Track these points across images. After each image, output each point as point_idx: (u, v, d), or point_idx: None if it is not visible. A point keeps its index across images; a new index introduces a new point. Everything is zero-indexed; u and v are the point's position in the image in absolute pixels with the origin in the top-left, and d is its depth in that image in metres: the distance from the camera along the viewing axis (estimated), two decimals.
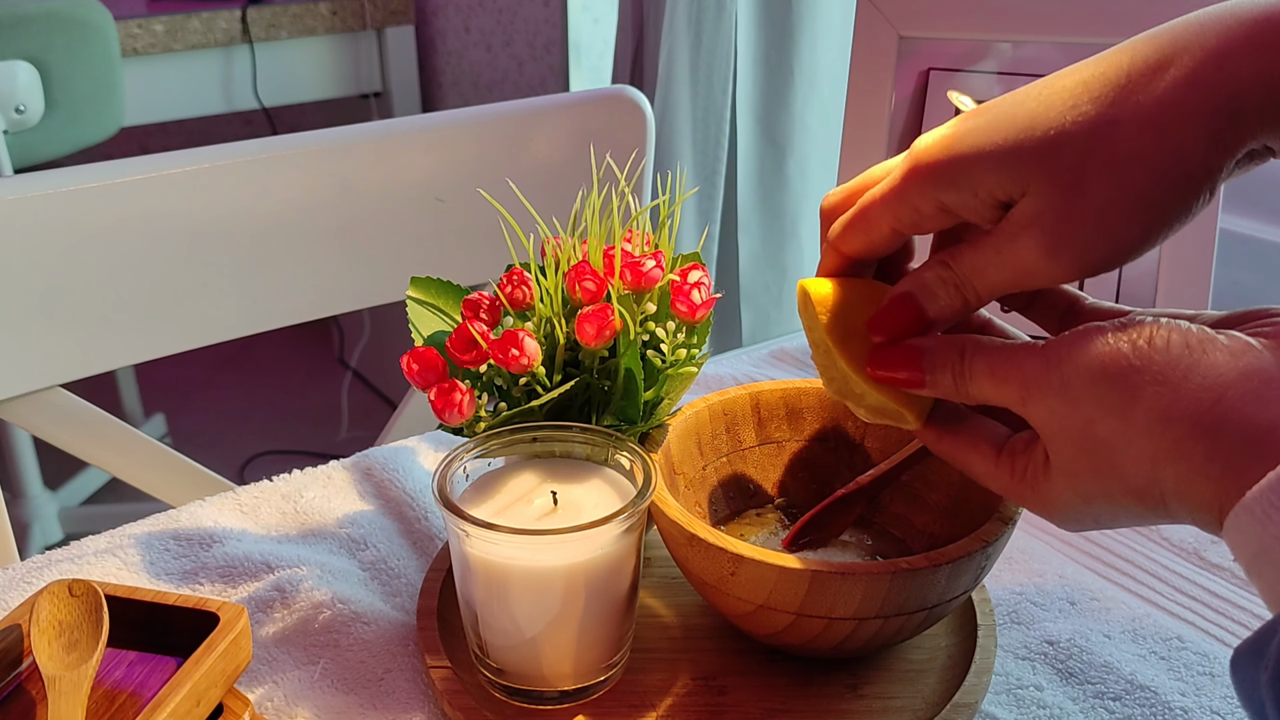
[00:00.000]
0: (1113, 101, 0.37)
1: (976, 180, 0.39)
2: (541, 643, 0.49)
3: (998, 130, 0.39)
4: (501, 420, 0.53)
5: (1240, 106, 0.36)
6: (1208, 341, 0.36)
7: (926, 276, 0.43)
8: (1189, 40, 0.37)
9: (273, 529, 0.65)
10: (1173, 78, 0.37)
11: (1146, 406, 0.36)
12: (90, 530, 0.66)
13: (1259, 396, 0.34)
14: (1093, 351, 0.37)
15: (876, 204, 0.43)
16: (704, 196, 1.46)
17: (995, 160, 0.39)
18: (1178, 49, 0.37)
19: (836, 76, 1.37)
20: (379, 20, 2.12)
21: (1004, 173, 0.39)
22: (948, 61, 0.73)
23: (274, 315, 0.88)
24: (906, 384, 0.43)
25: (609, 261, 0.53)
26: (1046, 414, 0.39)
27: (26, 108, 1.65)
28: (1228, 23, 0.36)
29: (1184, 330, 0.37)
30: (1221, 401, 0.35)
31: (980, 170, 0.39)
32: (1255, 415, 0.34)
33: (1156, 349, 0.36)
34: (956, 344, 0.42)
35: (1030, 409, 0.39)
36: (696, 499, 0.57)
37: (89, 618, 0.46)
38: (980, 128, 0.40)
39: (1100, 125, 0.37)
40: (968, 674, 0.51)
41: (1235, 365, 0.35)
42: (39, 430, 0.82)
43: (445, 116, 0.92)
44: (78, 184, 0.77)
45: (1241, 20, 0.36)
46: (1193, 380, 0.35)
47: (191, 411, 2.61)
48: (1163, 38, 0.38)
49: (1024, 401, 0.40)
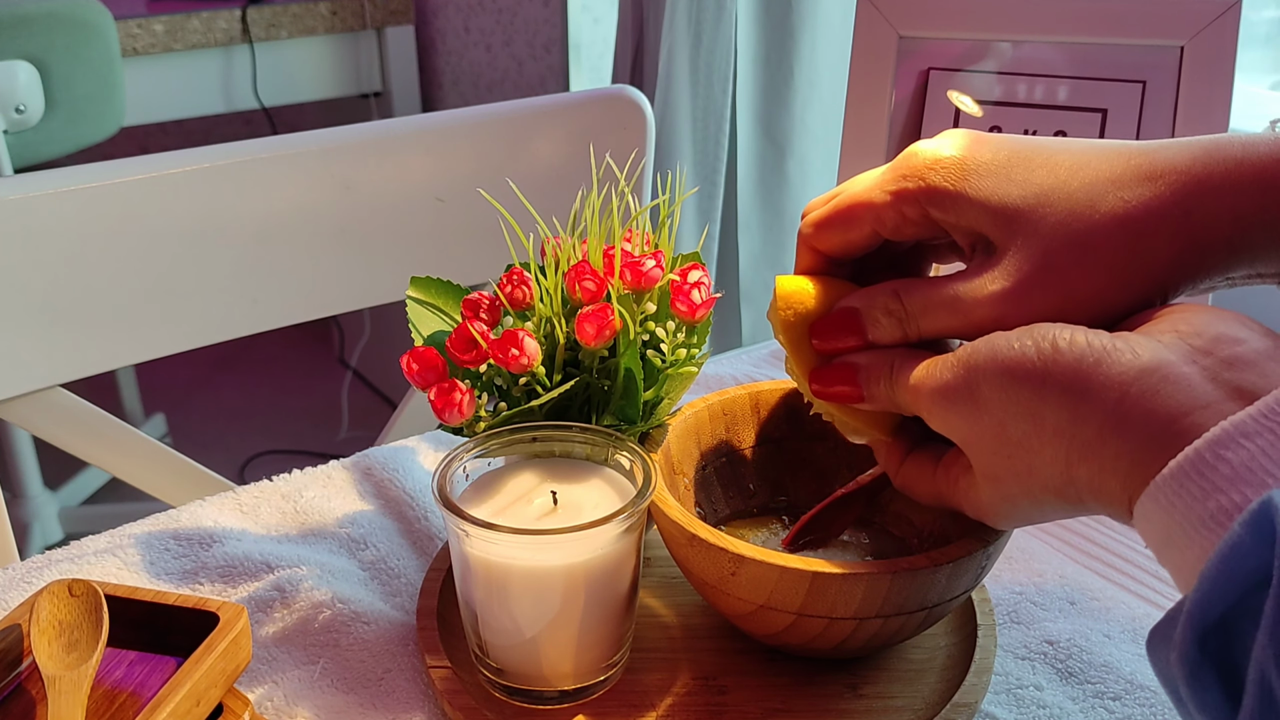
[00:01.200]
0: (1101, 203, 0.40)
1: (974, 219, 0.42)
2: (541, 643, 0.49)
3: (1011, 184, 0.41)
4: (501, 420, 0.53)
5: (1211, 236, 0.39)
6: (1109, 341, 0.37)
7: (876, 302, 0.45)
8: (1180, 162, 0.39)
9: (273, 529, 0.66)
10: (1155, 194, 0.39)
11: (1054, 408, 0.37)
12: (90, 530, 0.66)
13: (1158, 390, 0.35)
14: (999, 357, 0.39)
15: (863, 204, 0.44)
16: (704, 196, 1.46)
17: (998, 214, 0.41)
18: (1169, 167, 0.39)
19: (836, 76, 1.37)
20: (379, 20, 2.12)
21: (999, 228, 0.41)
22: (948, 61, 0.73)
23: (274, 315, 0.88)
24: (846, 398, 0.45)
25: (609, 261, 0.53)
26: (959, 421, 0.40)
27: (26, 108, 1.65)
28: (1215, 156, 0.39)
29: (1086, 331, 0.38)
30: (1125, 399, 0.36)
31: (982, 215, 0.42)
32: (1156, 409, 0.35)
33: (1061, 351, 0.37)
34: (887, 358, 0.44)
35: (946, 417, 0.41)
36: (696, 499, 0.57)
37: (89, 618, 0.46)
38: (995, 172, 0.42)
39: (1088, 222, 0.40)
40: (967, 674, 0.51)
41: (1137, 362, 0.36)
42: (39, 430, 0.82)
43: (445, 116, 0.92)
44: (78, 184, 0.77)
45: (1226, 157, 0.39)
46: (1097, 379, 0.36)
47: (191, 411, 2.61)
48: (1158, 154, 0.40)
49: (938, 410, 0.41)
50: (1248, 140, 0.39)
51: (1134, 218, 0.39)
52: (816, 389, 0.46)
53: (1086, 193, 0.40)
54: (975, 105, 0.73)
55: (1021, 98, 0.72)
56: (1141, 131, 0.69)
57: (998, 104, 0.72)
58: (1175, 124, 0.68)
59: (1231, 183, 0.38)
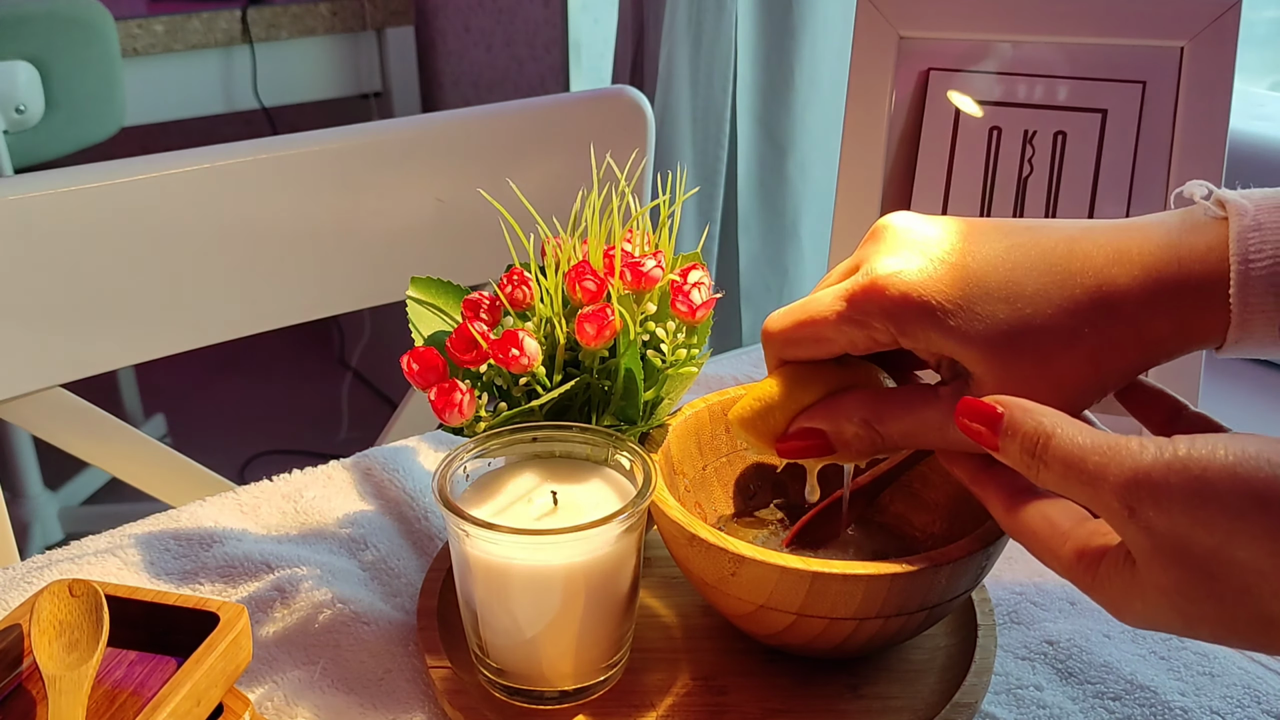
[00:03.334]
0: (1067, 335, 0.42)
1: (942, 349, 0.44)
2: (541, 643, 0.49)
3: (977, 319, 0.43)
4: (501, 420, 0.53)
5: (1161, 350, 0.42)
6: None
7: (846, 431, 0.46)
8: (1132, 292, 0.42)
9: (273, 529, 0.65)
10: (1113, 324, 0.42)
11: None
12: (90, 530, 0.66)
13: None
14: (1242, 472, 0.34)
15: (831, 324, 0.46)
16: (704, 196, 1.46)
17: (967, 348, 0.43)
18: (1124, 295, 0.42)
19: (836, 76, 1.37)
20: (379, 20, 2.12)
21: (970, 360, 0.44)
22: (948, 61, 0.73)
23: (274, 315, 0.88)
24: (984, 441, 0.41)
25: (609, 261, 0.53)
26: (1161, 526, 0.35)
27: (26, 108, 1.65)
28: (1161, 279, 0.42)
29: None
30: None
31: (951, 347, 0.44)
32: None
33: None
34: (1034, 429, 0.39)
35: (1138, 518, 0.36)
36: (696, 499, 0.57)
37: (89, 618, 0.46)
38: (960, 307, 0.43)
39: (1055, 351, 0.43)
40: (968, 674, 0.51)
41: None
42: (39, 430, 0.82)
43: (445, 117, 0.92)
44: (78, 184, 0.77)
45: (1171, 279, 0.42)
46: None
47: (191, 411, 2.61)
48: (1111, 281, 0.42)
49: (1128, 508, 0.36)
50: (1183, 255, 0.42)
51: (1098, 351, 0.42)
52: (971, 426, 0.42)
53: (1051, 327, 0.43)
54: (975, 105, 0.72)
55: (1021, 98, 0.72)
56: (1141, 131, 0.69)
57: (998, 104, 0.72)
58: (1175, 124, 0.68)
59: (1174, 305, 0.42)
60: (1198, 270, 0.41)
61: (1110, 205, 0.70)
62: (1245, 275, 0.40)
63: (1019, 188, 0.72)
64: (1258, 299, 0.40)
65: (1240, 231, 0.41)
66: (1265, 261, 0.40)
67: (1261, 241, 0.40)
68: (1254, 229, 0.40)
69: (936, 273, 0.44)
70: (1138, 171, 0.70)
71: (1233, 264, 0.40)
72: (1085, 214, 0.70)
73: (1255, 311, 0.40)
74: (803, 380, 0.48)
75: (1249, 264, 0.40)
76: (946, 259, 0.44)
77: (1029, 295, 0.43)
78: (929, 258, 0.44)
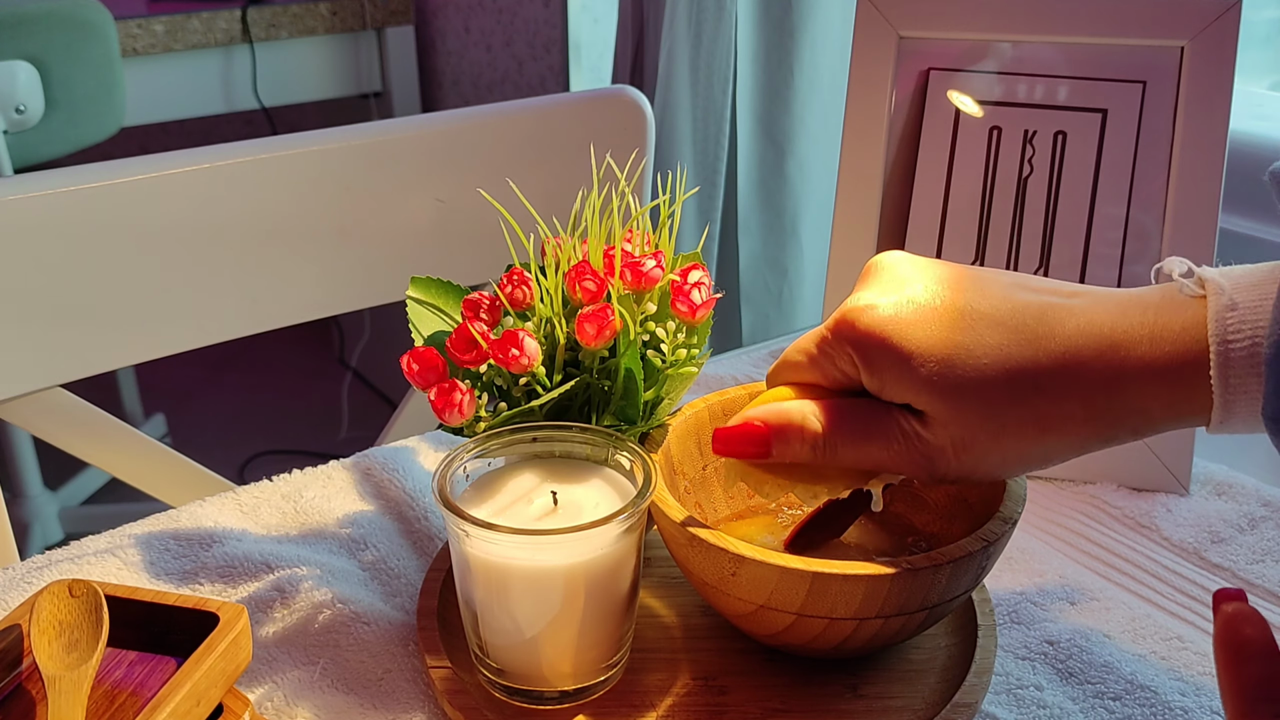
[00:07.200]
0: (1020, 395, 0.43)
1: (895, 386, 0.45)
2: (541, 643, 0.49)
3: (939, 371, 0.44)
4: (501, 420, 0.53)
5: (1120, 428, 0.43)
6: None
7: (792, 441, 0.47)
8: (1095, 364, 0.42)
9: (273, 529, 0.65)
10: (1070, 395, 0.43)
11: None
12: (90, 530, 0.66)
13: None
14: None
15: (808, 354, 0.48)
16: (704, 196, 1.46)
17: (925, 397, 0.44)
18: (1086, 365, 0.43)
19: (836, 76, 1.37)
20: (379, 20, 2.12)
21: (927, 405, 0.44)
22: (948, 61, 0.73)
23: (274, 315, 0.88)
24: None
25: (609, 261, 0.53)
26: None
27: (26, 108, 1.65)
28: (1127, 356, 0.42)
29: None
30: None
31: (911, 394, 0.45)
32: None
33: None
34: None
35: None
36: (696, 499, 0.57)
37: (89, 618, 0.46)
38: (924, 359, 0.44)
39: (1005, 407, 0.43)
40: (968, 674, 0.51)
41: None
42: (39, 430, 0.82)
43: (445, 117, 0.92)
44: (78, 184, 0.77)
45: (1137, 359, 0.42)
46: None
47: (191, 411, 2.61)
48: (1074, 350, 0.43)
49: None
50: (1156, 334, 0.42)
51: (1048, 416, 0.43)
52: None
53: (1009, 386, 0.43)
54: (975, 105, 0.72)
55: (1021, 98, 0.72)
56: (1141, 131, 0.69)
57: (998, 104, 0.72)
58: (1175, 124, 0.68)
59: (1140, 384, 0.42)
60: (1171, 351, 0.41)
61: (1110, 205, 0.70)
62: (1225, 356, 0.40)
63: (1019, 188, 0.72)
64: (1239, 380, 0.40)
65: (1217, 311, 0.41)
66: (1244, 342, 0.40)
67: (1240, 321, 0.40)
68: (1230, 309, 0.41)
69: (905, 313, 0.45)
70: (1138, 171, 0.70)
71: (1212, 345, 0.40)
72: (1085, 214, 0.71)
73: (1237, 393, 0.40)
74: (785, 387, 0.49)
75: (1229, 345, 0.40)
76: (919, 300, 0.45)
77: (990, 348, 0.43)
78: (904, 298, 0.45)
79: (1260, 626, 0.36)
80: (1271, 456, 0.46)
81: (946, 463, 0.45)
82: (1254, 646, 0.36)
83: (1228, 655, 0.38)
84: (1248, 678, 0.38)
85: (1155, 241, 0.69)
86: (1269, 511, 0.67)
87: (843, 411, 0.46)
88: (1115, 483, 0.70)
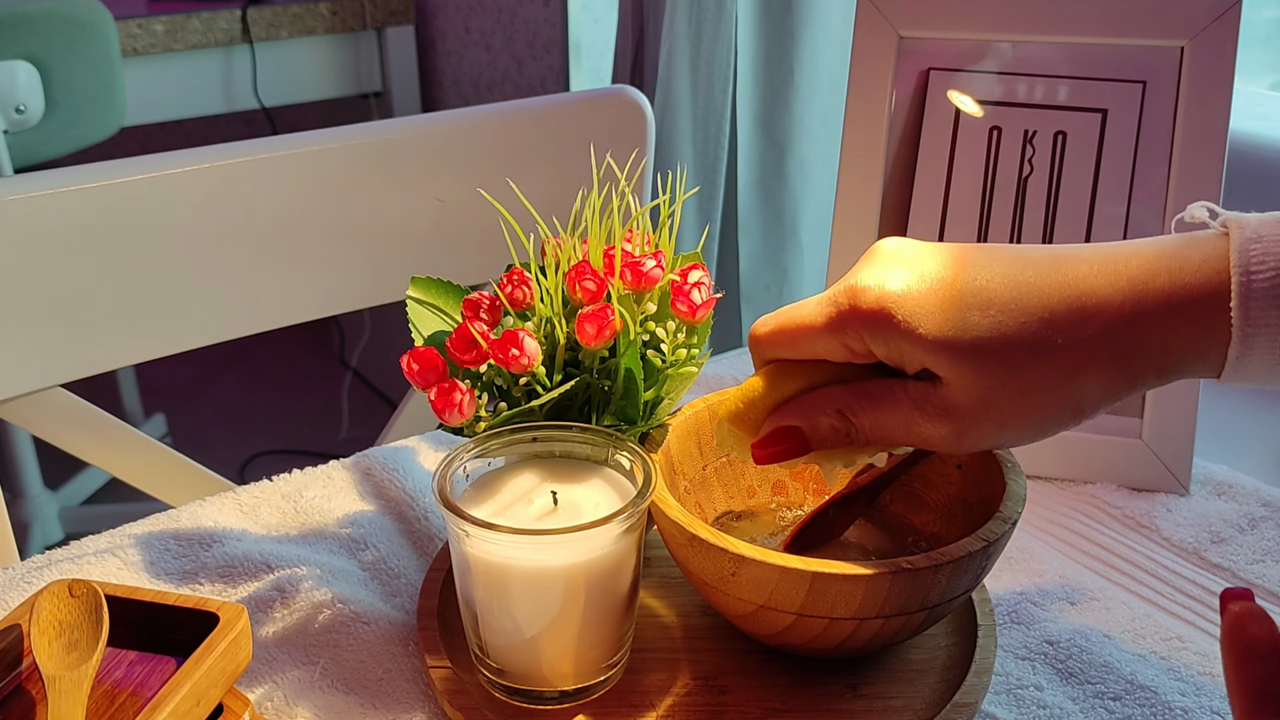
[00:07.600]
0: (1036, 344, 0.42)
1: (917, 359, 0.44)
2: (541, 643, 0.49)
3: (950, 327, 0.43)
4: (501, 420, 0.53)
5: (1141, 370, 0.42)
6: None
7: (821, 424, 0.46)
8: (1112, 300, 0.42)
9: (273, 529, 0.65)
10: (1088, 335, 0.42)
11: None
12: (90, 530, 0.66)
13: None
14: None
15: (811, 330, 0.46)
16: (704, 196, 1.46)
17: (940, 356, 0.43)
18: (1102, 305, 0.42)
19: (836, 76, 1.37)
20: (379, 20, 2.12)
21: (942, 367, 0.44)
22: (948, 61, 0.73)
23: (274, 315, 0.88)
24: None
25: (609, 261, 0.53)
26: None
27: (26, 108, 1.65)
28: (1145, 291, 0.41)
29: None
30: None
31: (925, 356, 0.44)
32: None
33: None
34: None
35: None
36: (696, 499, 0.57)
37: (89, 618, 0.46)
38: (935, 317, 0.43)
39: (1022, 360, 0.43)
40: (968, 674, 0.51)
41: None
42: (39, 430, 0.82)
43: (445, 117, 0.92)
44: (78, 184, 0.77)
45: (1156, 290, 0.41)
46: None
47: (191, 411, 2.61)
48: (1091, 290, 0.42)
49: None
50: (1175, 267, 0.41)
51: (1068, 361, 0.42)
52: None
53: (1023, 337, 0.42)
54: (975, 105, 0.72)
55: (1021, 98, 0.72)
56: (1141, 131, 0.69)
57: (998, 104, 0.72)
58: (1175, 124, 0.68)
59: (1160, 318, 0.41)
60: (1191, 282, 0.41)
61: (1110, 205, 0.70)
62: (1247, 287, 0.39)
63: (1019, 188, 0.72)
64: (1260, 313, 0.39)
65: (1242, 243, 0.40)
66: (1267, 273, 0.39)
67: (1264, 253, 0.39)
68: (1255, 240, 0.40)
69: (914, 285, 0.44)
70: (1138, 171, 0.70)
71: (1234, 275, 0.39)
72: (1085, 214, 0.71)
73: (1258, 326, 0.39)
74: (785, 373, 0.48)
75: (1251, 275, 0.39)
76: (926, 273, 0.45)
77: (1003, 303, 0.43)
78: (911, 272, 0.45)
79: (1268, 625, 0.36)
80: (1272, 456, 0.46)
81: (974, 427, 0.44)
82: (1261, 645, 0.36)
83: (1235, 654, 0.38)
84: (1255, 676, 0.38)
85: None
86: (1269, 511, 0.67)
87: (864, 392, 0.46)
88: (1115, 483, 0.70)
